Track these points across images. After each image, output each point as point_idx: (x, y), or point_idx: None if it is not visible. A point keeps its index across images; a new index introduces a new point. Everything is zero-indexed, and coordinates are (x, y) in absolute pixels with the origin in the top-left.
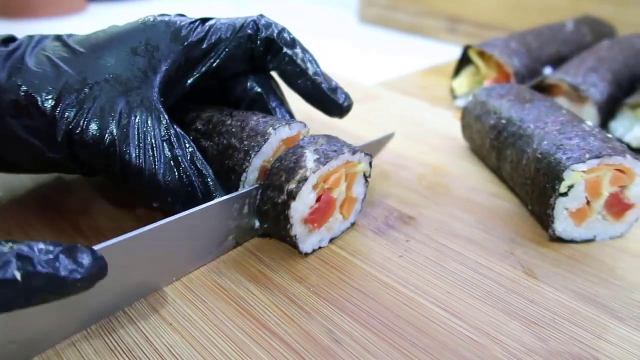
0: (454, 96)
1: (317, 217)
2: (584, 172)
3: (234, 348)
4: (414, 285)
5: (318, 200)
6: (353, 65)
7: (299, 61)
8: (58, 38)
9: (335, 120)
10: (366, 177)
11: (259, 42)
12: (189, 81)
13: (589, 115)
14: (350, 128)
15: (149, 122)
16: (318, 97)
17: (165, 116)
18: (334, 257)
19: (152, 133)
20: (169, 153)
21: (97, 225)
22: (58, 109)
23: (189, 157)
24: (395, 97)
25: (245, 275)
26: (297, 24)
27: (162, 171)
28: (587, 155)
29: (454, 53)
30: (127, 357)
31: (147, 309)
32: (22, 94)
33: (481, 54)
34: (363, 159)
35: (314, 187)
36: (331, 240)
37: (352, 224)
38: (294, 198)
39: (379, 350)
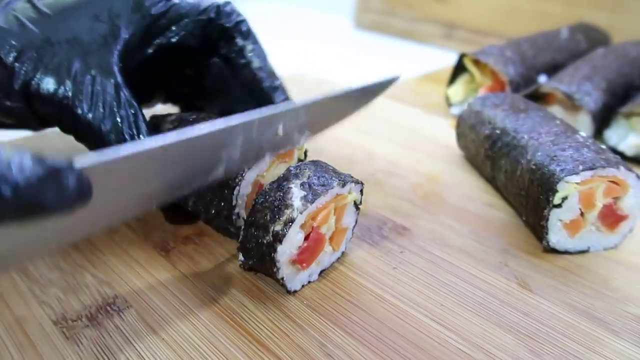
0: (449, 104)
1: (306, 256)
2: (577, 183)
3: None
4: (407, 298)
5: (306, 238)
6: (348, 70)
7: (246, 53)
8: (28, 0)
9: (328, 130)
10: (357, 205)
11: (216, 26)
12: (149, 50)
13: (584, 124)
14: (344, 136)
15: (103, 81)
16: (255, 92)
17: (119, 79)
18: (328, 270)
19: (104, 92)
20: (116, 112)
21: None
22: (17, 62)
23: (132, 119)
24: (390, 104)
25: (240, 289)
26: (292, 29)
27: (108, 128)
28: (581, 167)
29: (450, 59)
30: None
31: (139, 323)
32: None
33: (476, 62)
34: (354, 189)
35: (302, 226)
36: (321, 273)
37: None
38: (280, 241)
39: None
